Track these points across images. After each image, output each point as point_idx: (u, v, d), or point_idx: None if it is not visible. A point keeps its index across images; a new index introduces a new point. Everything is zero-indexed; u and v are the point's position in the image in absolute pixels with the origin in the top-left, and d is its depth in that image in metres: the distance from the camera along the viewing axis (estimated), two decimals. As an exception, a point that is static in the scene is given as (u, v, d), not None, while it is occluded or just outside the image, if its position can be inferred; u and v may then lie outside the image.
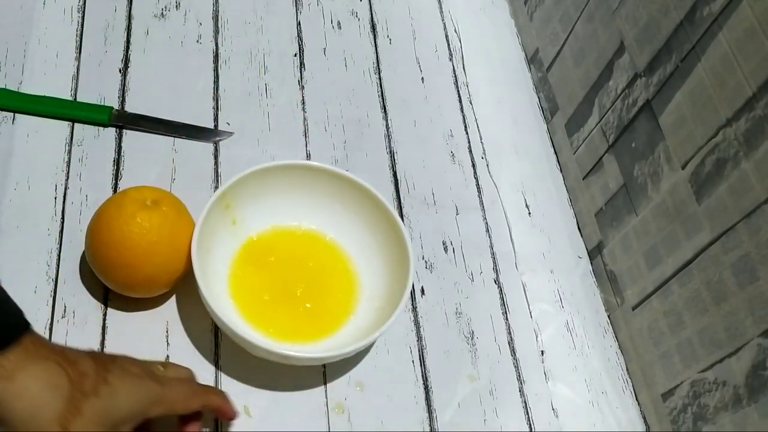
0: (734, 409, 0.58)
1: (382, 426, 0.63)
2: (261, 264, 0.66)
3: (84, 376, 0.44)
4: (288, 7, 0.88)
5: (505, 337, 0.71)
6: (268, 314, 0.64)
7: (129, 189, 0.61)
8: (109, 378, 0.46)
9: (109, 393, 0.45)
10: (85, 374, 0.44)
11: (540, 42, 0.88)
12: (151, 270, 0.60)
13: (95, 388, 0.44)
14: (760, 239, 0.55)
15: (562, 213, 0.81)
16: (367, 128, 0.80)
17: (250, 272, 0.65)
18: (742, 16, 0.56)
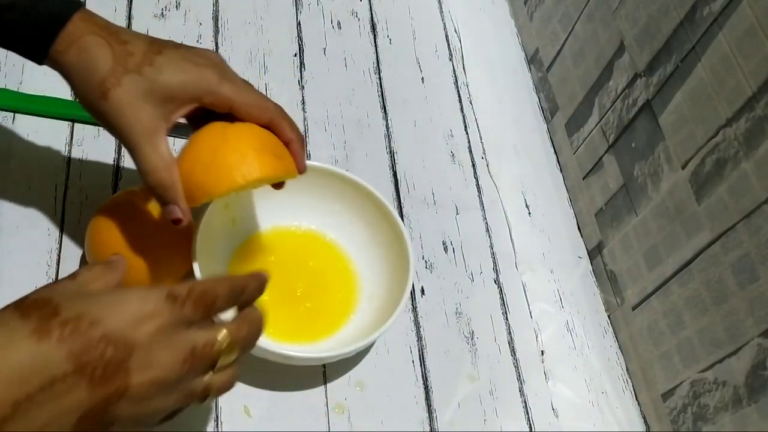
0: (734, 409, 0.58)
1: (382, 426, 0.63)
2: (261, 264, 0.66)
3: (130, 55, 0.49)
4: (288, 7, 0.88)
5: (505, 337, 0.71)
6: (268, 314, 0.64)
7: (129, 189, 0.61)
8: (156, 60, 0.49)
9: (154, 72, 0.49)
10: (131, 53, 0.49)
11: (540, 42, 0.88)
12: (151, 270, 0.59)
13: (138, 66, 0.49)
14: (760, 239, 0.55)
15: (562, 213, 0.81)
16: (367, 128, 0.80)
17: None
18: (742, 16, 0.56)
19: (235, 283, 0.44)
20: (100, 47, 0.49)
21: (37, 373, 0.36)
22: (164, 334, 0.39)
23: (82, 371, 0.36)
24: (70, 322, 0.37)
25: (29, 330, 0.36)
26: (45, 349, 0.36)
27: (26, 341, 0.36)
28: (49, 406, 0.36)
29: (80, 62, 0.49)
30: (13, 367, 0.35)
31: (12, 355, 0.36)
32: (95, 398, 0.37)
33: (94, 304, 0.38)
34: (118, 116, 0.49)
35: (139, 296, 0.39)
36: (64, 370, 0.36)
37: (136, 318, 0.38)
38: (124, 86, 0.48)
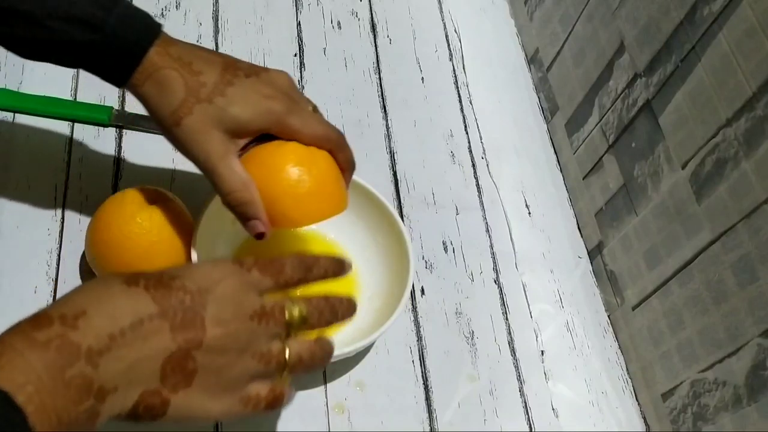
0: (734, 409, 0.58)
1: (382, 426, 0.63)
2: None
3: (202, 86, 0.52)
4: (288, 7, 0.88)
5: (505, 337, 0.71)
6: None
7: (129, 189, 0.61)
8: (227, 91, 0.52)
9: (224, 102, 0.52)
10: (203, 84, 0.52)
11: (540, 42, 0.88)
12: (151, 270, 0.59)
13: (209, 96, 0.52)
14: (760, 239, 0.55)
15: (562, 213, 0.81)
16: (367, 128, 0.80)
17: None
18: (742, 16, 0.56)
19: (305, 257, 0.47)
20: (174, 80, 0.52)
21: (129, 311, 0.39)
22: (234, 292, 0.43)
23: (164, 314, 0.40)
24: (154, 276, 0.42)
25: (121, 281, 0.41)
26: (134, 292, 0.40)
27: (119, 287, 0.40)
28: (137, 344, 0.39)
29: (155, 94, 0.52)
30: (108, 306, 0.39)
31: (107, 297, 0.40)
32: (177, 342, 0.40)
33: (173, 269, 0.43)
34: (191, 142, 0.52)
35: (211, 263, 0.44)
36: (150, 311, 0.40)
37: (209, 277, 0.43)
38: (195, 114, 0.52)
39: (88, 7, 0.50)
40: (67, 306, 0.38)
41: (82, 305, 0.39)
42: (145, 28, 0.52)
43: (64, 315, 0.38)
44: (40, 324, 0.37)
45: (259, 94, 0.53)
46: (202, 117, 0.52)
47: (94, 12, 0.50)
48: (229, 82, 0.53)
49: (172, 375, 0.40)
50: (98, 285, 0.41)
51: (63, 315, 0.38)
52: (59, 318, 0.38)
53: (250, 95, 0.53)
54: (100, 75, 0.53)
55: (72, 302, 0.39)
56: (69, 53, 0.52)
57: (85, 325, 0.38)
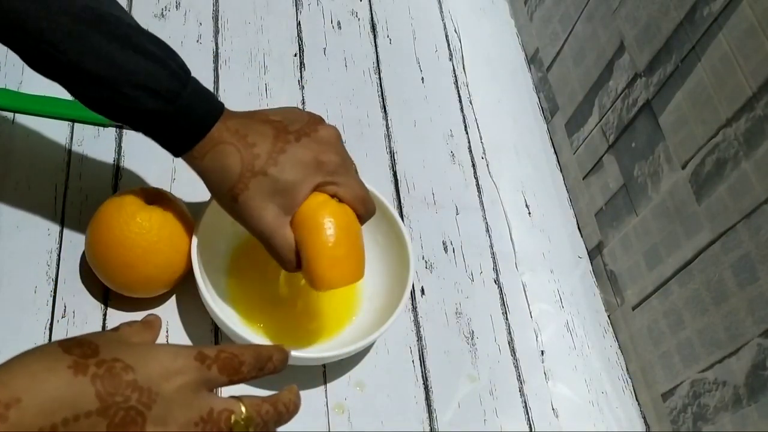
0: (734, 409, 0.58)
1: (382, 426, 0.63)
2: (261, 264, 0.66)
3: (256, 158, 0.54)
4: (288, 7, 0.88)
5: (505, 337, 0.71)
6: (268, 314, 0.64)
7: (129, 189, 0.61)
8: (280, 159, 0.54)
9: (277, 171, 0.54)
10: (258, 156, 0.54)
11: (540, 42, 0.88)
12: (151, 270, 0.60)
13: (264, 168, 0.54)
14: (760, 239, 0.55)
15: (562, 213, 0.81)
16: (367, 128, 0.80)
17: (250, 272, 0.65)
18: (742, 16, 0.56)
19: (261, 352, 0.46)
20: (231, 155, 0.54)
21: (67, 406, 0.37)
22: (186, 391, 0.41)
23: (105, 412, 0.38)
24: (106, 363, 0.39)
25: (69, 362, 0.38)
26: (78, 383, 0.38)
27: (64, 372, 0.38)
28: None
29: (213, 169, 0.55)
30: (48, 395, 0.37)
31: (50, 383, 0.37)
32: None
33: (130, 353, 0.40)
34: (249, 216, 0.55)
35: (171, 352, 0.41)
36: (90, 407, 0.38)
37: (165, 371, 0.40)
38: (251, 189, 0.54)
39: (165, 81, 0.52)
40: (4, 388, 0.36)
41: (17, 391, 0.36)
42: (211, 105, 0.55)
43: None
44: None
45: (310, 155, 0.55)
46: (257, 191, 0.54)
47: (170, 86, 0.53)
48: (282, 150, 0.55)
49: None
50: (42, 362, 0.38)
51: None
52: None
53: (301, 159, 0.55)
54: (162, 143, 0.55)
55: (10, 384, 0.36)
56: (139, 119, 0.54)
57: (16, 417, 0.36)
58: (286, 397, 0.46)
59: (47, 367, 0.38)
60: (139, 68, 0.52)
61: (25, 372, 0.37)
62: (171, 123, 0.53)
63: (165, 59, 0.53)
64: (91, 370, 0.38)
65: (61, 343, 0.40)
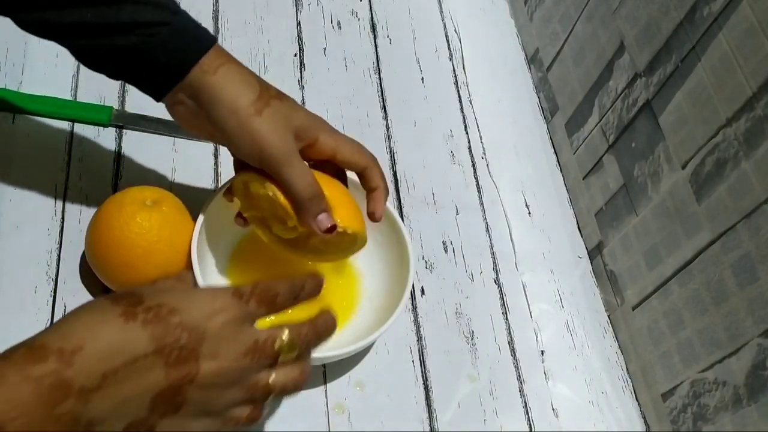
0: (734, 409, 0.58)
1: (382, 426, 0.63)
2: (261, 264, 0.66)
3: (269, 87, 0.54)
4: (288, 7, 0.88)
5: (505, 337, 0.71)
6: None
7: (129, 189, 0.61)
8: (283, 97, 0.55)
9: (289, 103, 0.54)
10: (269, 86, 0.54)
11: (540, 42, 0.88)
12: (151, 270, 0.59)
13: (279, 95, 0.54)
14: (760, 239, 0.55)
15: (562, 213, 0.81)
16: (367, 128, 0.80)
17: (250, 272, 0.65)
18: (742, 16, 0.56)
19: (295, 282, 0.48)
20: (247, 73, 0.53)
21: (123, 351, 0.39)
22: (231, 327, 0.43)
23: (160, 352, 0.40)
24: (153, 309, 0.41)
25: (119, 312, 0.40)
26: (131, 329, 0.40)
27: (116, 321, 0.40)
28: (130, 382, 0.39)
29: (229, 82, 0.52)
30: (104, 342, 0.39)
31: (104, 332, 0.40)
32: (169, 379, 0.41)
33: (172, 297, 0.43)
34: (271, 133, 0.52)
35: (209, 293, 0.44)
36: (146, 350, 0.40)
37: (207, 311, 0.43)
38: (273, 107, 0.53)
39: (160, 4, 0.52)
40: (64, 339, 0.39)
41: (79, 340, 0.39)
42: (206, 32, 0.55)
43: (62, 350, 0.38)
44: (35, 357, 0.38)
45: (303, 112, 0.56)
46: (279, 112, 0.53)
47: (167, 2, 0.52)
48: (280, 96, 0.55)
49: (160, 406, 0.41)
50: (95, 315, 0.40)
51: (60, 349, 0.38)
52: (56, 352, 0.38)
53: (300, 108, 0.56)
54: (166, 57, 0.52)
55: (69, 334, 0.39)
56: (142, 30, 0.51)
57: (80, 362, 0.38)
58: (322, 319, 0.49)
59: (100, 318, 0.40)
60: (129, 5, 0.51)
61: (80, 324, 0.40)
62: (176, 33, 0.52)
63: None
64: (140, 317, 0.40)
65: (107, 297, 0.42)
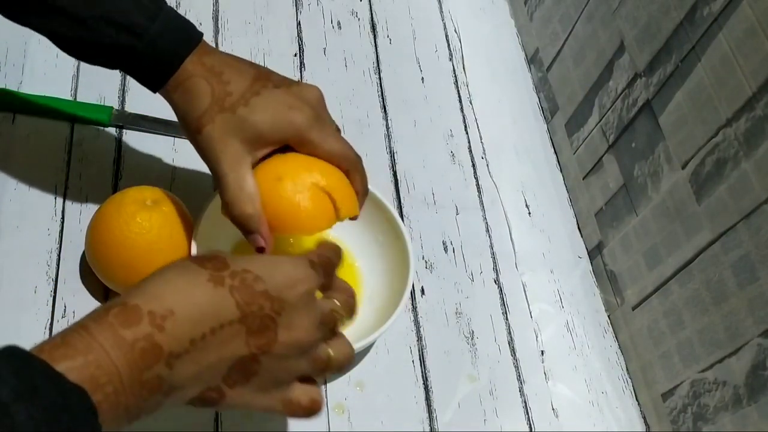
0: (734, 409, 0.58)
1: (382, 426, 0.63)
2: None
3: (228, 95, 0.53)
4: (288, 7, 0.88)
5: (505, 337, 0.71)
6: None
7: (129, 189, 0.61)
8: (252, 101, 0.53)
9: (247, 112, 0.53)
10: (229, 93, 0.53)
11: (540, 42, 0.88)
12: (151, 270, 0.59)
13: (233, 106, 0.53)
14: (760, 239, 0.55)
15: (562, 213, 0.81)
16: (367, 128, 0.80)
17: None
18: (742, 16, 0.56)
19: (338, 251, 0.49)
20: (202, 89, 0.53)
21: (212, 316, 0.40)
22: (306, 298, 0.44)
23: (244, 320, 0.41)
24: (239, 274, 0.42)
25: (207, 276, 0.41)
26: (219, 295, 0.40)
27: (205, 286, 0.40)
28: (214, 348, 0.40)
29: (184, 101, 0.54)
30: (195, 307, 0.40)
31: (194, 296, 0.40)
32: (249, 347, 0.41)
33: (256, 263, 0.43)
34: (208, 149, 0.54)
35: (291, 262, 0.44)
36: (232, 317, 0.40)
37: (290, 280, 0.43)
38: (216, 123, 0.53)
39: (132, 15, 0.52)
40: (156, 301, 0.39)
41: (170, 304, 0.39)
42: (185, 38, 0.54)
43: (153, 313, 0.38)
44: (129, 320, 0.38)
45: (284, 104, 0.54)
46: (222, 126, 0.53)
47: (137, 19, 0.52)
48: (256, 92, 0.54)
49: (234, 374, 0.42)
50: (184, 277, 0.41)
51: (152, 313, 0.38)
52: (148, 315, 0.38)
53: (274, 105, 0.54)
54: (138, 79, 0.55)
55: (161, 296, 0.39)
56: (112, 56, 0.54)
57: (171, 327, 0.38)
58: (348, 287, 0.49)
59: (190, 281, 0.40)
60: (108, 3, 0.52)
61: (171, 286, 0.40)
62: (141, 58, 0.53)
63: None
64: (227, 282, 0.41)
65: (193, 259, 0.43)
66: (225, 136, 0.53)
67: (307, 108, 0.55)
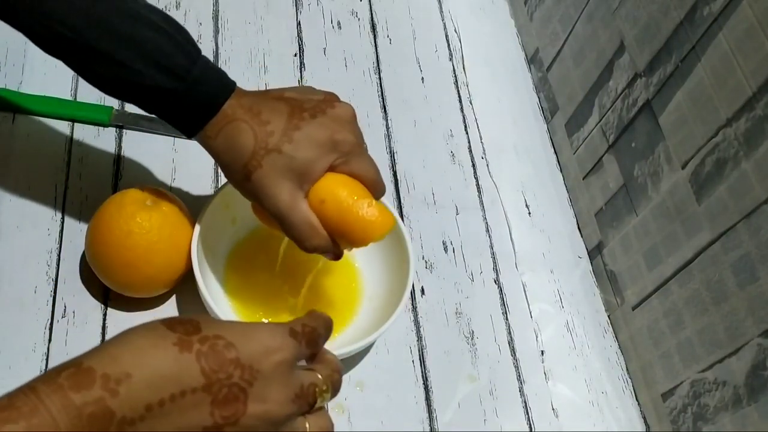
0: (734, 409, 0.58)
1: (382, 426, 0.63)
2: (261, 264, 0.66)
3: (270, 135, 0.53)
4: (288, 7, 0.88)
5: (505, 337, 0.71)
6: (268, 314, 0.64)
7: (129, 189, 0.61)
8: (294, 136, 0.54)
9: (292, 149, 0.53)
10: (271, 133, 0.53)
11: (540, 42, 0.88)
12: (151, 270, 0.60)
13: (278, 145, 0.53)
14: (760, 239, 0.55)
15: (562, 213, 0.81)
16: (367, 128, 0.80)
17: (250, 272, 0.65)
18: (742, 16, 0.56)
19: (328, 322, 0.47)
20: (244, 132, 0.53)
21: (174, 382, 0.38)
22: (283, 369, 0.41)
23: (209, 389, 0.38)
24: (209, 339, 0.39)
25: (174, 339, 0.39)
26: (184, 360, 0.38)
27: (169, 349, 0.38)
28: (173, 416, 0.38)
29: (226, 148, 0.54)
30: (156, 370, 0.37)
31: (156, 360, 0.38)
32: (214, 418, 0.39)
33: (230, 330, 0.41)
34: (262, 195, 0.54)
35: (268, 330, 0.42)
36: (196, 384, 0.38)
37: (265, 349, 0.41)
38: (265, 167, 0.53)
39: (174, 57, 0.52)
40: (113, 364, 0.37)
41: (127, 366, 0.37)
42: (224, 82, 0.55)
43: (107, 376, 0.36)
44: (80, 383, 0.36)
45: (326, 134, 0.54)
46: (271, 169, 0.53)
47: (180, 61, 0.52)
48: (297, 127, 0.54)
49: None
50: (148, 339, 0.39)
51: (106, 376, 0.36)
52: (101, 378, 0.36)
53: (317, 137, 0.54)
54: (175, 124, 0.55)
55: (119, 358, 0.37)
56: (151, 97, 0.54)
57: (126, 392, 0.36)
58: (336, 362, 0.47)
59: (153, 343, 0.38)
60: (151, 45, 0.52)
61: (132, 348, 0.38)
62: (183, 100, 0.53)
63: (175, 35, 0.53)
64: (195, 347, 0.39)
65: (163, 321, 0.40)
66: (276, 177, 0.53)
67: (347, 132, 0.56)
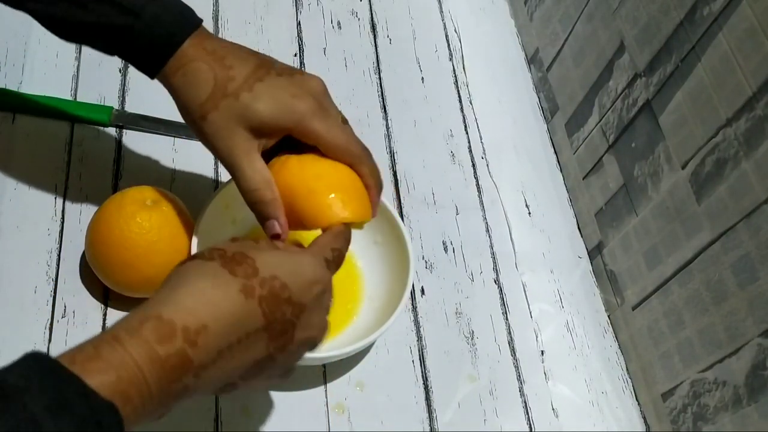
0: (734, 409, 0.58)
1: (382, 426, 0.63)
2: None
3: (231, 80, 0.52)
4: (288, 7, 0.88)
5: (505, 337, 0.71)
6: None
7: (129, 189, 0.61)
8: (256, 87, 0.52)
9: (250, 98, 0.52)
10: (232, 78, 0.52)
11: (540, 42, 0.88)
12: (151, 270, 0.60)
13: (237, 91, 0.52)
14: (760, 239, 0.55)
15: (562, 213, 0.81)
16: (367, 128, 0.80)
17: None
18: (742, 16, 0.56)
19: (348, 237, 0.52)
20: (204, 73, 0.52)
21: (241, 327, 0.42)
22: (321, 298, 0.47)
23: (268, 327, 0.43)
24: (267, 282, 0.43)
25: (239, 286, 0.42)
26: (249, 305, 0.42)
27: (237, 297, 0.42)
28: (238, 355, 0.42)
29: (185, 86, 0.53)
30: (227, 320, 0.41)
31: (228, 309, 0.41)
32: (269, 350, 0.43)
33: (282, 268, 0.45)
34: (215, 137, 0.52)
35: (311, 263, 0.47)
36: (258, 325, 0.42)
37: (309, 282, 0.46)
38: (221, 110, 0.52)
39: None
40: (190, 317, 0.40)
41: (203, 318, 0.40)
42: (183, 20, 0.53)
43: (187, 329, 0.39)
44: (163, 336, 0.39)
45: (287, 92, 0.53)
46: (228, 113, 0.52)
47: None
48: (259, 78, 0.52)
49: (251, 371, 0.43)
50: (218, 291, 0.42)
51: (186, 328, 0.39)
52: (182, 331, 0.39)
53: (278, 93, 0.53)
54: (134, 63, 0.54)
55: (195, 312, 0.40)
56: (106, 37, 0.52)
57: (203, 341, 0.40)
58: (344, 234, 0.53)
59: (223, 293, 0.42)
60: None
61: (206, 301, 0.41)
62: (138, 39, 0.52)
63: None
64: (257, 292, 0.42)
65: (224, 264, 0.43)
66: (231, 123, 0.52)
67: (310, 97, 0.53)
